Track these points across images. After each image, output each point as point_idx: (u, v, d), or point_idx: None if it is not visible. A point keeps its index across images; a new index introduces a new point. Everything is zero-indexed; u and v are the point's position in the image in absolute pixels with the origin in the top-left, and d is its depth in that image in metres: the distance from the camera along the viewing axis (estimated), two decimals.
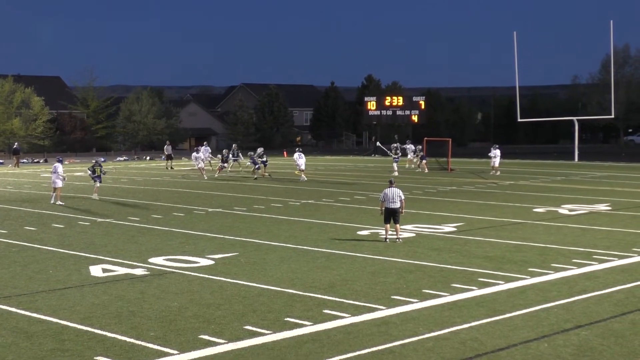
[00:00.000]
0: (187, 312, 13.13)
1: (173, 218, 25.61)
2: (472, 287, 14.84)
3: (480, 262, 17.44)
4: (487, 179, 41.54)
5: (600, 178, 42.19)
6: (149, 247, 19.78)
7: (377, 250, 19.00)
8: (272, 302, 13.85)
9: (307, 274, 16.24)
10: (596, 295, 14.28)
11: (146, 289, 14.89)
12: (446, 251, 18.95)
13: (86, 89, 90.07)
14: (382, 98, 76.46)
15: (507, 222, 24.15)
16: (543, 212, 26.72)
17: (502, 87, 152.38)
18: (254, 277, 15.91)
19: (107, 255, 18.58)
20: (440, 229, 22.58)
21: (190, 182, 41.26)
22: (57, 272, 16.65)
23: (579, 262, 17.41)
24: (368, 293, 14.45)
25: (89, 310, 13.28)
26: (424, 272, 16.45)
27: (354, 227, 23.02)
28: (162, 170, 52.01)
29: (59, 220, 25.26)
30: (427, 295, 14.23)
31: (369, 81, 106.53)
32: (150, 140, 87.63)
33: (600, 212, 26.64)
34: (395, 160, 47.35)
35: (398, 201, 20.06)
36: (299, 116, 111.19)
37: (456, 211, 26.91)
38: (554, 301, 13.76)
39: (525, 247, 19.56)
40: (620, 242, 20.15)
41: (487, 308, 13.28)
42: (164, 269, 16.90)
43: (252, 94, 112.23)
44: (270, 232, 22.22)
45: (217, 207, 28.74)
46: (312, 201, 30.55)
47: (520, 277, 15.85)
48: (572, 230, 22.35)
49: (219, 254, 18.54)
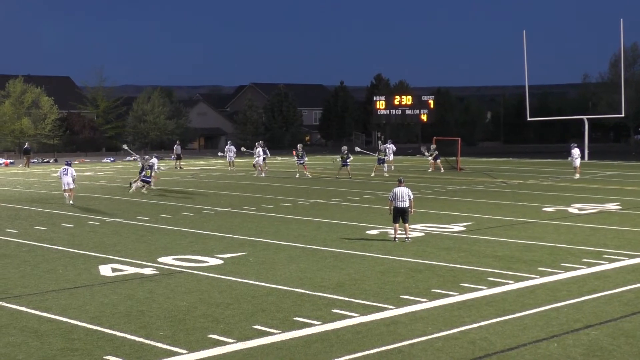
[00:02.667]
0: (196, 312, 13.14)
1: (182, 217, 25.65)
2: (481, 287, 14.81)
3: (490, 262, 17.40)
4: (495, 178, 41.45)
5: (610, 177, 42.04)
6: (158, 247, 19.81)
7: (386, 250, 18.98)
8: (281, 301, 13.85)
9: (316, 274, 16.23)
10: (606, 294, 14.23)
11: (155, 289, 14.91)
12: (455, 250, 18.91)
13: (96, 89, 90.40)
14: (391, 97, 76.45)
15: (516, 222, 24.09)
16: (553, 211, 26.64)
17: (511, 86, 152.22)
18: (262, 277, 15.92)
19: (116, 255, 18.62)
20: (450, 229, 22.54)
21: (199, 182, 41.32)
22: (66, 272, 16.69)
23: (589, 261, 17.35)
24: (377, 292, 14.44)
25: (99, 310, 13.31)
26: (433, 271, 16.42)
27: (363, 227, 23.01)
28: (171, 170, 52.11)
29: (69, 220, 25.33)
30: (436, 294, 14.20)
31: (378, 80, 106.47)
32: (161, 140, 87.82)
33: (610, 212, 26.53)
34: (381, 161, 44.83)
35: (407, 200, 20.02)
36: (308, 116, 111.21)
37: (465, 210, 26.85)
38: (564, 301, 13.71)
39: (534, 246, 19.50)
40: (630, 242, 20.06)
41: (497, 308, 13.25)
42: (173, 268, 16.92)
43: (261, 93, 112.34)
44: (279, 232, 22.22)
45: (226, 206, 28.77)
46: (322, 200, 30.54)
47: (530, 276, 15.80)
48: (582, 230, 22.27)
49: (228, 254, 18.56)
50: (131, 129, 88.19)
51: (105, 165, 62.04)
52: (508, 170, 48.91)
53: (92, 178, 45.12)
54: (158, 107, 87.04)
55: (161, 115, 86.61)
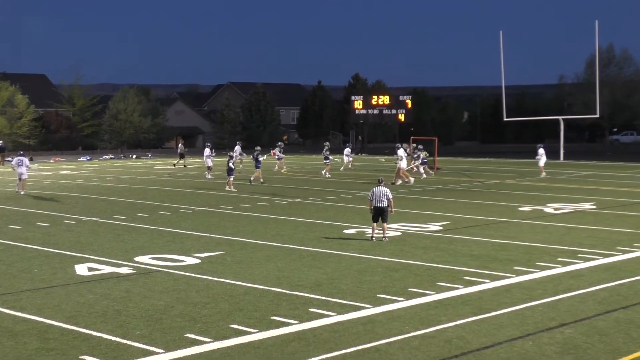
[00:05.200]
0: (173, 311, 13.10)
1: (159, 217, 25.55)
2: (457, 286, 14.89)
3: (466, 261, 17.49)
4: (472, 177, 41.66)
5: (585, 177, 42.40)
6: (135, 246, 19.73)
7: (364, 249, 19.03)
8: (258, 300, 13.85)
9: (293, 273, 16.24)
10: (581, 293, 14.36)
11: (132, 288, 14.86)
12: (432, 250, 19.00)
13: (72, 87, 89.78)
14: (369, 97, 76.55)
15: (493, 221, 24.23)
16: (528, 210, 26.83)
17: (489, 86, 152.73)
18: (240, 276, 15.90)
19: (92, 254, 18.51)
20: (427, 228, 22.63)
21: (177, 181, 41.17)
22: (42, 271, 16.58)
23: (564, 260, 17.49)
24: (354, 292, 14.47)
25: (74, 309, 13.24)
26: (410, 270, 16.48)
27: (340, 226, 23.04)
28: (148, 169, 51.87)
29: (44, 218, 25.15)
30: (413, 293, 14.26)
31: (355, 80, 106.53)
32: (137, 139, 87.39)
33: (585, 211, 26.77)
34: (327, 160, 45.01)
35: (385, 200, 20.08)
36: (286, 115, 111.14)
37: (442, 210, 26.97)
38: (539, 299, 13.82)
39: (510, 245, 19.63)
40: (605, 241, 20.25)
41: (473, 306, 13.33)
42: (150, 267, 16.86)
43: (239, 92, 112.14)
44: (256, 231, 22.20)
45: (204, 205, 28.70)
46: (299, 200, 30.55)
47: (506, 275, 15.91)
48: (558, 229, 22.45)
49: (205, 253, 18.52)
50: (107, 127, 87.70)
51: (81, 164, 61.64)
52: (485, 170, 49.20)
53: (68, 177, 44.82)
54: (132, 105, 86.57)
55: (135, 112, 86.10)
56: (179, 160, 54.56)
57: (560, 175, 43.03)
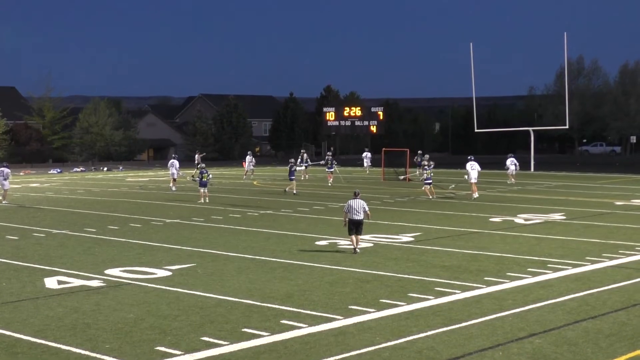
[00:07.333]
0: (144, 324, 13.03)
1: (130, 229, 25.40)
2: (428, 297, 14.96)
3: (437, 272, 17.58)
4: (445, 189, 41.86)
5: (555, 187, 42.79)
6: (105, 259, 19.59)
7: (335, 261, 19.05)
8: (229, 312, 13.82)
9: (265, 285, 16.23)
10: (550, 303, 14.49)
11: (102, 301, 14.75)
12: (404, 261, 19.06)
13: (42, 99, 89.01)
14: (341, 109, 76.74)
15: (463, 232, 24.37)
16: (499, 221, 27.02)
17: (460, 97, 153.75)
18: (211, 288, 15.85)
19: (62, 267, 18.36)
20: (398, 239, 22.71)
21: (148, 193, 40.96)
22: (10, 284, 16.41)
23: (534, 270, 17.64)
24: (326, 303, 14.49)
25: (43, 323, 13.12)
26: (381, 281, 16.53)
27: (312, 238, 23.05)
28: (120, 181, 51.58)
29: (13, 231, 24.90)
30: (384, 305, 14.30)
31: (327, 92, 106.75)
32: (108, 152, 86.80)
33: (555, 222, 27.01)
34: (331, 169, 47.77)
35: (362, 213, 20.12)
36: (258, 127, 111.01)
37: (414, 221, 27.09)
38: (509, 310, 13.92)
39: (481, 256, 19.76)
40: (574, 251, 20.45)
41: (444, 317, 13.40)
42: (120, 280, 16.76)
43: (210, 104, 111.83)
44: (228, 243, 22.15)
45: (175, 217, 28.57)
46: (271, 212, 30.53)
47: (476, 286, 16.01)
48: (528, 240, 22.63)
49: (176, 265, 18.44)
50: (78, 139, 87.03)
51: (51, 176, 61.09)
52: (456, 181, 49.44)
53: (38, 189, 44.40)
54: (103, 117, 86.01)
55: (106, 125, 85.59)
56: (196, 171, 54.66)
57: (531, 186, 43.39)
